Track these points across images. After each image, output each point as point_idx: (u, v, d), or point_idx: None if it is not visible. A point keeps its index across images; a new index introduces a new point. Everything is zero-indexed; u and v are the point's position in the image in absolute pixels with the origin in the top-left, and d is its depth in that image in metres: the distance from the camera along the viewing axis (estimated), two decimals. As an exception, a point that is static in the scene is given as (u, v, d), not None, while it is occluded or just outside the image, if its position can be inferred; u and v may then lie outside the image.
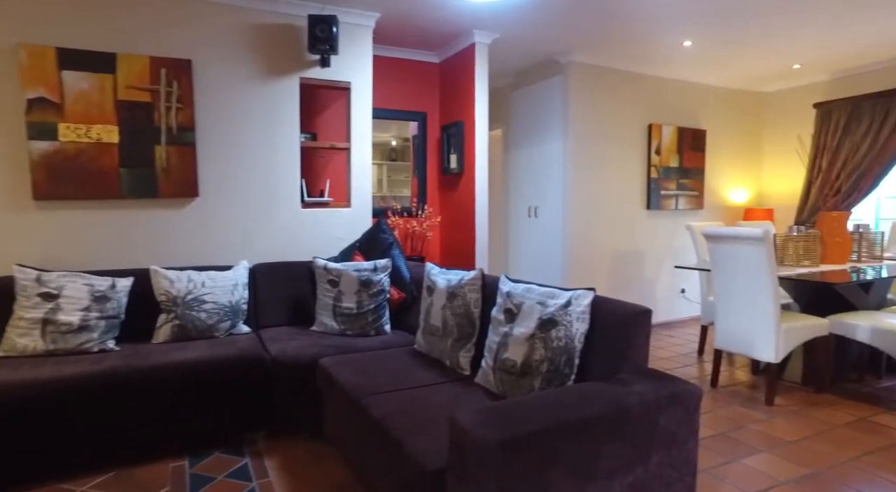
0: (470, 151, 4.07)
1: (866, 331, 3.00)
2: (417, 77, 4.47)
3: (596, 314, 1.73)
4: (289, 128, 3.37)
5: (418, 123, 4.49)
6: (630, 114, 4.74)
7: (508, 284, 2.03)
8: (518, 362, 1.80)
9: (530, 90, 4.92)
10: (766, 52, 4.33)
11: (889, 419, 2.80)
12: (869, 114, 4.68)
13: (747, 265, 2.98)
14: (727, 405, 2.98)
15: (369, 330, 2.92)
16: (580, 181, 4.52)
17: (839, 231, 3.60)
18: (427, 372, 2.21)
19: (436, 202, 4.58)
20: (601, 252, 4.67)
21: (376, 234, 3.34)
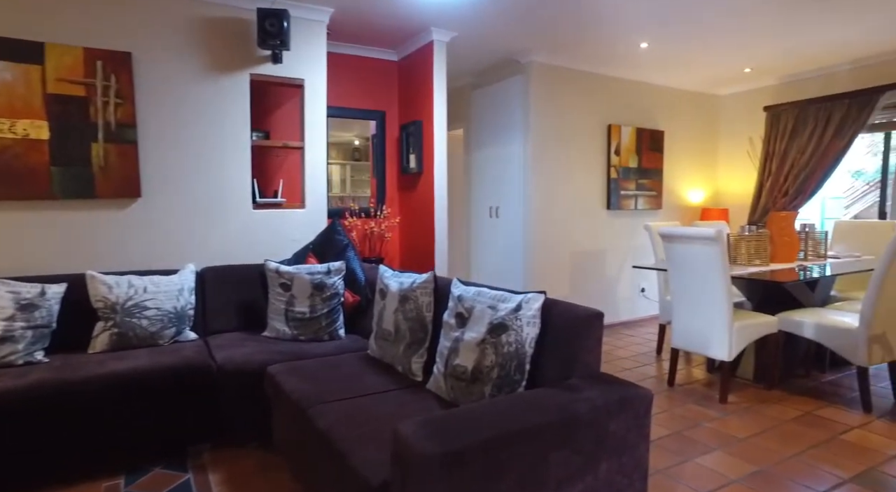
0: (429, 151, 4.01)
1: (812, 328, 3.08)
2: (375, 75, 4.38)
3: (547, 318, 1.69)
4: (239, 126, 3.23)
5: (376, 122, 4.40)
6: (590, 114, 4.77)
7: (460, 287, 1.97)
8: (469, 369, 1.75)
9: (491, 90, 4.90)
10: (718, 56, 4.42)
11: (831, 413, 2.87)
12: (813, 118, 4.84)
13: (702, 265, 3.02)
14: (683, 404, 3.01)
15: (323, 335, 2.83)
16: (541, 181, 4.52)
17: (787, 231, 3.70)
18: (378, 378, 2.14)
19: (395, 203, 4.50)
20: (562, 252, 4.68)
21: (331, 235, 3.24)
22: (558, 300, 1.76)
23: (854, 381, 3.39)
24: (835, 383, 3.37)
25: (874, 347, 2.90)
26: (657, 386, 3.32)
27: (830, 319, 3.03)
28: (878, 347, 2.92)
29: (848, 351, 2.93)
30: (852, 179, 8.01)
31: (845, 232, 4.37)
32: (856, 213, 8.02)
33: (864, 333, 2.87)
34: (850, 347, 2.92)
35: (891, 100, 4.45)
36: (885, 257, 2.80)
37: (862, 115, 4.54)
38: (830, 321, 3.02)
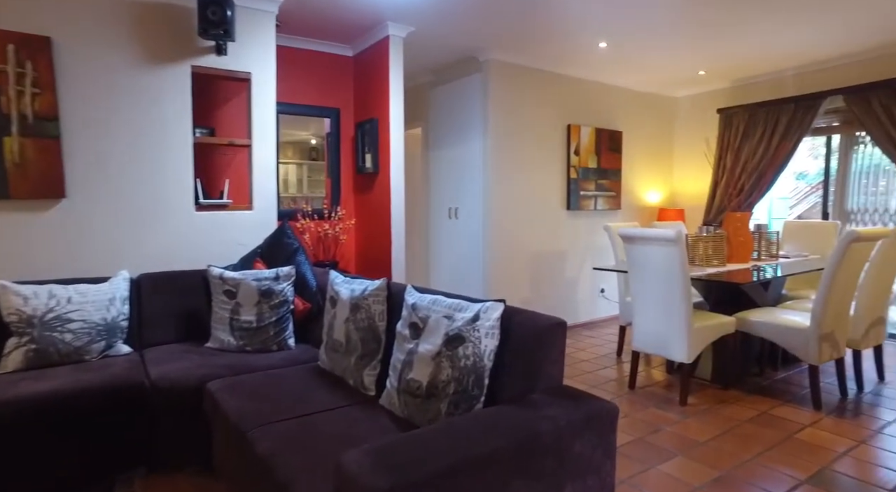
0: (385, 150, 3.87)
1: (767, 328, 3.11)
2: (330, 71, 4.20)
3: (507, 328, 1.59)
4: (179, 121, 3.00)
5: (331, 119, 4.22)
6: (549, 114, 4.73)
7: (414, 295, 1.85)
8: (423, 383, 1.63)
9: (450, 88, 4.79)
10: (674, 58, 4.46)
11: (785, 412, 2.90)
12: (763, 120, 4.97)
13: (661, 266, 2.99)
14: (644, 408, 2.98)
15: (271, 345, 2.64)
16: (500, 181, 4.44)
17: (742, 231, 3.75)
18: (328, 394, 1.99)
19: (351, 204, 4.33)
20: (522, 253, 4.62)
21: (280, 239, 3.05)
22: (519, 309, 1.66)
23: (803, 377, 3.46)
24: (787, 381, 3.43)
25: (824, 345, 2.94)
26: (618, 389, 3.29)
27: (784, 320, 3.07)
28: (828, 346, 2.97)
29: (800, 350, 2.97)
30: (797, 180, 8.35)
31: (793, 232, 4.49)
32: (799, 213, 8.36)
33: (815, 332, 2.91)
34: (802, 346, 2.96)
35: (832, 105, 4.60)
36: (832, 260, 2.85)
37: (806, 118, 4.68)
38: (784, 321, 3.05)
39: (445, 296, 1.80)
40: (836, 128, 4.71)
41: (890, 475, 2.25)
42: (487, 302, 1.59)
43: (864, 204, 4.62)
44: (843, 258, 2.82)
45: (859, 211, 4.65)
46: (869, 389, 3.29)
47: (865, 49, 4.28)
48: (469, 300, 1.69)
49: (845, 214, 4.71)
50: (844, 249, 2.80)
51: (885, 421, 2.79)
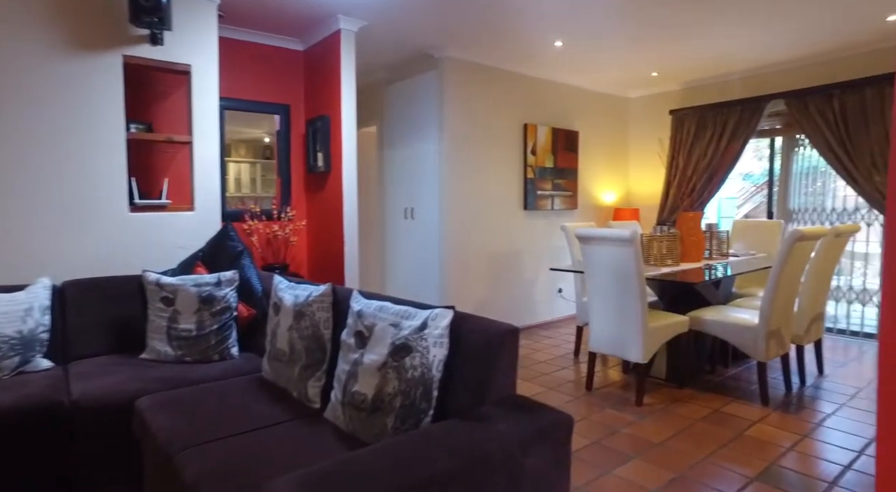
0: (337, 149, 3.73)
1: (719, 326, 3.15)
2: (280, 66, 4.02)
3: (457, 336, 1.50)
4: (110, 115, 2.78)
5: (280, 116, 4.04)
6: (506, 113, 4.70)
7: (360, 301, 1.74)
8: (369, 397, 1.53)
9: (405, 85, 4.69)
10: (627, 59, 4.51)
11: (735, 408, 2.95)
12: (712, 122, 5.10)
13: (616, 267, 2.99)
14: (601, 409, 2.97)
15: (212, 355, 2.48)
16: (456, 181, 4.37)
17: (695, 230, 3.81)
18: (270, 407, 1.86)
19: (302, 204, 4.16)
20: (479, 253, 4.57)
21: (223, 241, 2.88)
22: (470, 315, 1.58)
23: (751, 373, 3.55)
24: (737, 378, 3.50)
25: (771, 342, 3.01)
26: (575, 391, 3.27)
27: (734, 318, 3.12)
28: (774, 343, 3.04)
29: (749, 347, 3.03)
30: (743, 181, 8.67)
31: (741, 231, 4.61)
32: (746, 212, 8.68)
33: (762, 329, 2.96)
34: (751, 343, 3.01)
35: (774, 108, 4.76)
36: (778, 260, 2.91)
37: (752, 121, 4.83)
38: (734, 320, 3.10)
39: (393, 302, 1.70)
40: (779, 130, 4.88)
41: (830, 468, 2.31)
42: (436, 309, 1.51)
43: (805, 204, 4.80)
44: (788, 257, 2.89)
45: (800, 210, 4.82)
46: (810, 382, 3.40)
47: (803, 56, 4.45)
48: (417, 307, 1.60)
49: (788, 213, 4.89)
50: (789, 249, 2.86)
51: (825, 414, 2.88)
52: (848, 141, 4.28)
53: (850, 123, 4.27)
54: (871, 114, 4.17)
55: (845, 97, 4.29)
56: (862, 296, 4.59)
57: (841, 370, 3.64)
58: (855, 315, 4.67)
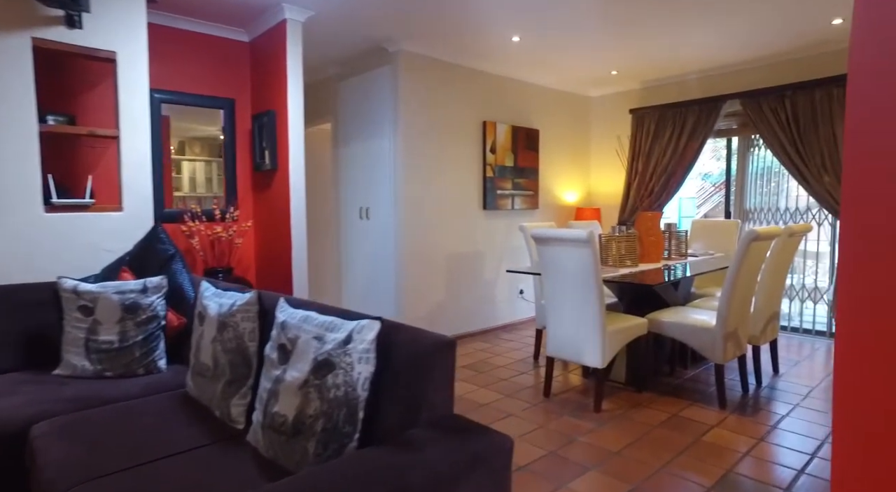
0: (283, 145, 3.52)
1: (677, 328, 3.10)
2: (224, 57, 3.78)
3: (386, 350, 1.35)
4: (18, 105, 2.51)
5: (225, 111, 3.81)
6: (464, 110, 4.57)
7: (286, 310, 1.57)
8: (289, 419, 1.36)
9: (359, 80, 4.51)
10: (587, 56, 4.44)
11: (693, 412, 2.90)
12: (671, 121, 5.10)
13: (574, 269, 2.89)
14: (558, 417, 2.86)
15: (136, 368, 2.26)
16: (413, 180, 4.22)
17: (654, 230, 3.76)
18: (189, 430, 1.67)
19: (249, 204, 3.93)
20: (437, 254, 4.43)
21: (152, 244, 2.65)
22: (402, 326, 1.43)
23: (709, 374, 3.52)
24: (695, 379, 3.46)
25: (728, 344, 2.97)
26: (533, 397, 3.16)
27: (693, 320, 3.06)
28: (732, 345, 3.00)
29: (707, 350, 2.98)
30: (702, 181, 8.81)
31: (700, 230, 4.61)
32: (705, 211, 8.82)
33: (720, 331, 2.92)
34: (709, 346, 2.97)
35: (731, 108, 4.79)
36: (735, 260, 2.87)
37: (710, 120, 4.84)
38: (693, 321, 3.05)
39: (321, 311, 1.54)
40: (735, 130, 4.91)
41: (785, 473, 2.26)
42: (362, 320, 1.35)
43: (760, 203, 4.84)
44: (744, 258, 2.85)
45: (756, 210, 4.86)
46: (766, 382, 3.39)
47: (757, 57, 4.48)
48: (345, 317, 1.45)
49: (745, 213, 4.92)
50: (746, 249, 2.82)
51: (780, 415, 2.85)
52: (799, 141, 4.33)
53: (801, 124, 4.32)
54: (821, 115, 4.23)
55: (796, 98, 4.33)
56: (813, 294, 4.66)
57: (794, 369, 3.65)
58: (807, 313, 4.74)
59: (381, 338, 1.34)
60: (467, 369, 3.74)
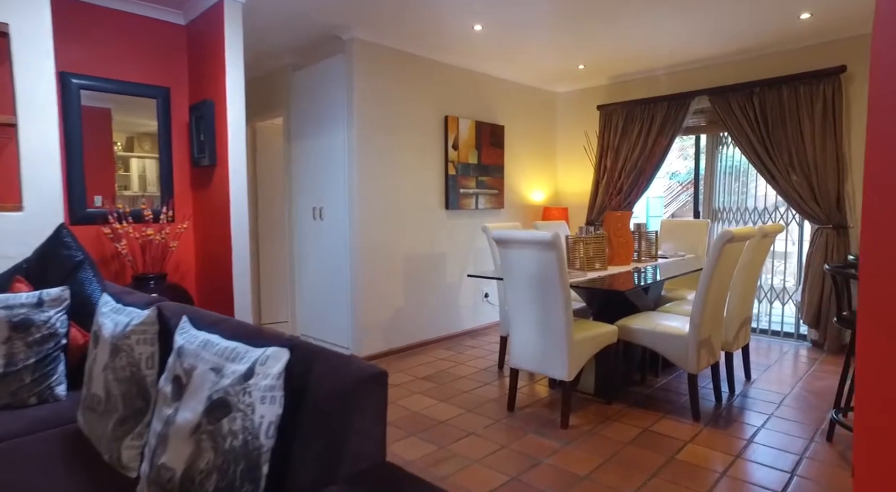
0: (223, 139, 3.19)
1: (647, 335, 2.91)
2: (158, 42, 3.42)
3: (298, 385, 1.08)
4: None
5: (159, 100, 3.44)
6: (425, 104, 4.30)
7: (186, 332, 1.28)
8: (177, 474, 1.07)
9: (312, 71, 4.19)
10: (553, 49, 4.24)
11: (666, 426, 2.71)
12: (640, 117, 4.96)
13: (538, 274, 2.66)
14: (523, 435, 2.63)
15: (27, 397, 1.91)
16: (368, 177, 3.93)
17: (623, 231, 3.58)
18: (65, 482, 1.36)
19: (188, 202, 3.58)
20: (396, 257, 4.15)
21: (55, 249, 2.29)
22: (322, 352, 1.16)
23: (682, 383, 3.35)
24: (667, 388, 3.29)
25: (702, 352, 2.80)
26: (496, 412, 2.92)
27: (665, 327, 2.88)
28: (705, 352, 2.83)
29: (680, 359, 2.80)
30: (670, 180, 8.78)
31: (669, 230, 4.48)
32: (673, 211, 8.80)
33: (693, 339, 2.74)
34: (681, 354, 2.79)
35: (699, 105, 4.68)
36: (709, 264, 2.70)
37: (679, 116, 4.72)
38: (664, 329, 2.87)
39: (226, 334, 1.26)
40: (704, 127, 4.80)
41: (768, 495, 2.08)
42: (268, 349, 1.07)
43: (729, 203, 4.74)
44: (718, 261, 2.68)
45: (725, 210, 4.76)
46: (739, 389, 3.24)
47: (726, 53, 4.38)
48: (252, 342, 1.17)
49: (713, 213, 4.82)
50: (720, 251, 2.65)
51: (755, 427, 2.70)
52: (768, 139, 4.23)
53: (769, 122, 4.23)
54: (788, 113, 4.14)
55: (764, 95, 4.24)
56: (782, 295, 4.58)
57: (766, 375, 3.53)
58: (775, 313, 4.66)
59: (294, 369, 1.07)
60: (427, 380, 3.48)
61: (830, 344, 4.05)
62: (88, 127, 3.18)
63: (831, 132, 3.96)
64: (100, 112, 3.28)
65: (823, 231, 4.03)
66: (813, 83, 4.02)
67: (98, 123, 3.26)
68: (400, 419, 2.84)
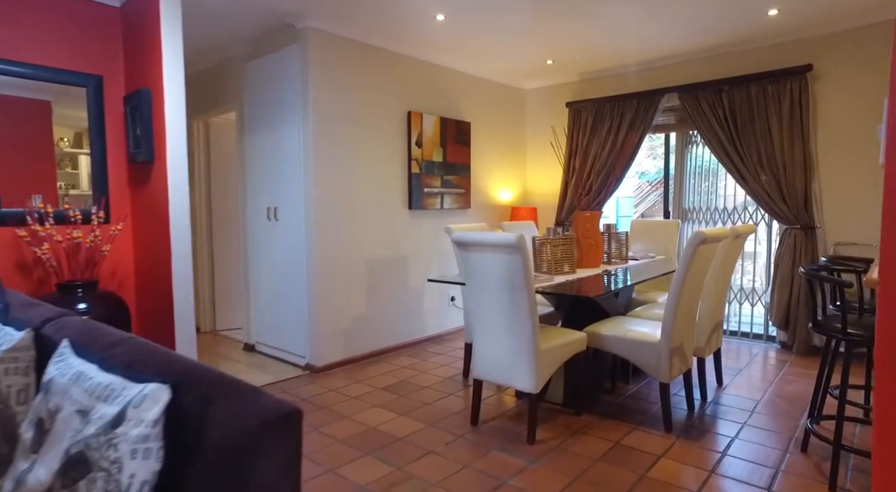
0: (160, 132, 2.91)
1: (617, 342, 2.76)
2: (88, 24, 3.11)
3: (189, 431, 0.86)
4: None
5: (90, 89, 3.13)
6: (385, 98, 4.08)
7: (63, 360, 1.04)
8: (27, 549, 0.84)
9: (266, 62, 3.92)
10: (520, 42, 4.08)
11: (637, 439, 2.56)
12: (609, 115, 4.85)
13: (502, 278, 2.48)
14: (486, 452, 2.44)
15: None
16: (326, 175, 3.69)
17: (592, 232, 3.44)
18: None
19: (126, 202, 3.28)
20: (356, 260, 3.92)
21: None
22: (226, 385, 0.93)
23: (653, 390, 3.23)
24: (638, 396, 3.15)
25: (674, 360, 2.66)
26: (459, 426, 2.73)
27: (635, 334, 2.73)
28: (677, 360, 2.70)
29: (651, 368, 2.66)
30: (639, 179, 8.77)
31: (640, 231, 4.37)
32: (642, 211, 8.79)
33: (665, 346, 2.60)
34: (653, 363, 2.64)
35: (669, 103, 4.59)
36: (681, 267, 2.56)
37: (648, 114, 4.62)
38: (635, 336, 2.72)
39: (112, 364, 1.02)
40: (673, 126, 4.71)
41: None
42: (149, 385, 0.85)
43: (698, 203, 4.67)
44: (691, 263, 2.54)
45: (695, 209, 4.69)
46: (711, 396, 3.13)
47: (695, 50, 4.30)
48: (137, 376, 0.94)
49: (684, 213, 4.74)
50: (693, 253, 2.52)
51: (728, 437, 2.58)
52: (737, 138, 4.17)
53: (738, 120, 4.16)
54: (757, 111, 4.08)
55: (733, 93, 4.17)
56: (751, 296, 4.53)
57: (737, 380, 3.43)
58: (744, 314, 4.61)
59: (188, 409, 0.85)
60: (388, 391, 3.27)
61: (799, 346, 4.00)
62: (19, 120, 2.87)
63: (798, 131, 3.91)
64: (36, 104, 2.98)
65: (791, 231, 3.98)
66: (780, 82, 3.96)
67: (33, 117, 2.96)
68: (354, 437, 2.62)
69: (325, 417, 2.88)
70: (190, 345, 2.98)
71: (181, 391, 0.93)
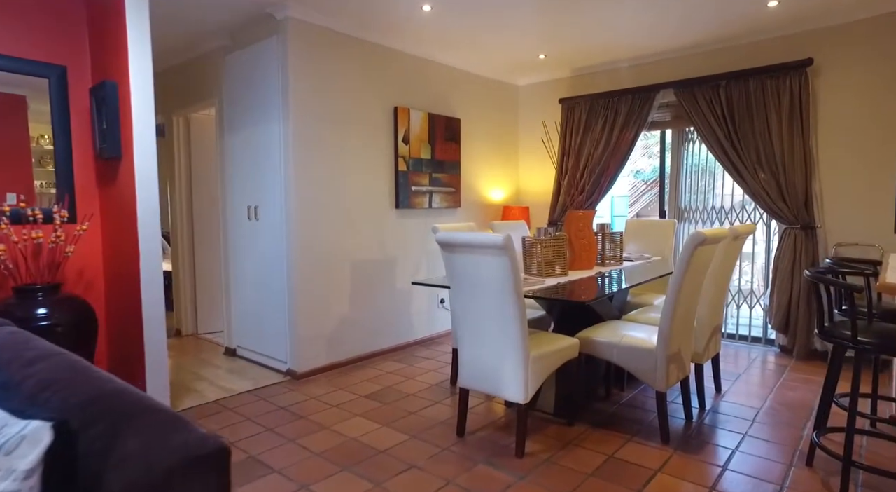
0: (127, 126, 2.74)
1: (611, 349, 2.62)
2: (50, 11, 2.93)
3: (88, 477, 0.70)
4: None
5: (52, 80, 2.95)
6: (371, 93, 3.92)
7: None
8: None
9: (245, 54, 3.75)
10: (511, 35, 3.92)
11: (632, 451, 2.42)
12: (603, 111, 4.71)
13: (489, 281, 2.33)
14: (472, 466, 2.29)
15: None
16: (308, 173, 3.53)
17: (586, 232, 3.29)
18: None
19: (94, 200, 3.10)
20: (341, 261, 3.76)
21: None
22: (142, 415, 0.78)
23: (649, 398, 3.08)
24: (633, 404, 3.01)
25: (671, 367, 2.52)
26: (444, 438, 2.57)
27: (631, 340, 2.59)
28: (675, 368, 2.56)
29: (648, 376, 2.51)
30: (634, 178, 8.63)
31: (635, 231, 4.23)
32: (637, 210, 8.66)
33: (662, 353, 2.46)
34: (649, 371, 2.50)
35: (665, 99, 4.45)
36: (679, 268, 2.41)
37: (643, 111, 4.49)
38: (630, 342, 2.57)
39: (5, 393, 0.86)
40: (669, 122, 4.58)
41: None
42: (30, 423, 0.69)
43: (695, 202, 4.54)
44: (689, 266, 2.40)
45: (691, 209, 4.55)
46: (710, 405, 2.99)
47: (692, 44, 4.16)
48: (26, 409, 0.78)
49: (680, 212, 4.60)
50: (691, 254, 2.37)
51: (729, 450, 2.43)
52: (734, 134, 4.03)
53: (736, 116, 4.03)
54: (755, 107, 3.94)
55: (731, 88, 4.03)
56: (749, 298, 4.40)
57: (737, 386, 3.30)
58: (742, 317, 4.48)
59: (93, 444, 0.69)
60: (371, 399, 3.11)
61: (800, 350, 3.86)
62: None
63: (798, 128, 3.78)
64: (9, 99, 2.82)
65: (791, 231, 3.85)
66: (780, 76, 3.83)
67: (7, 112, 2.80)
68: (332, 450, 2.46)
69: (302, 427, 2.72)
70: (160, 350, 2.80)
71: (87, 423, 0.77)
